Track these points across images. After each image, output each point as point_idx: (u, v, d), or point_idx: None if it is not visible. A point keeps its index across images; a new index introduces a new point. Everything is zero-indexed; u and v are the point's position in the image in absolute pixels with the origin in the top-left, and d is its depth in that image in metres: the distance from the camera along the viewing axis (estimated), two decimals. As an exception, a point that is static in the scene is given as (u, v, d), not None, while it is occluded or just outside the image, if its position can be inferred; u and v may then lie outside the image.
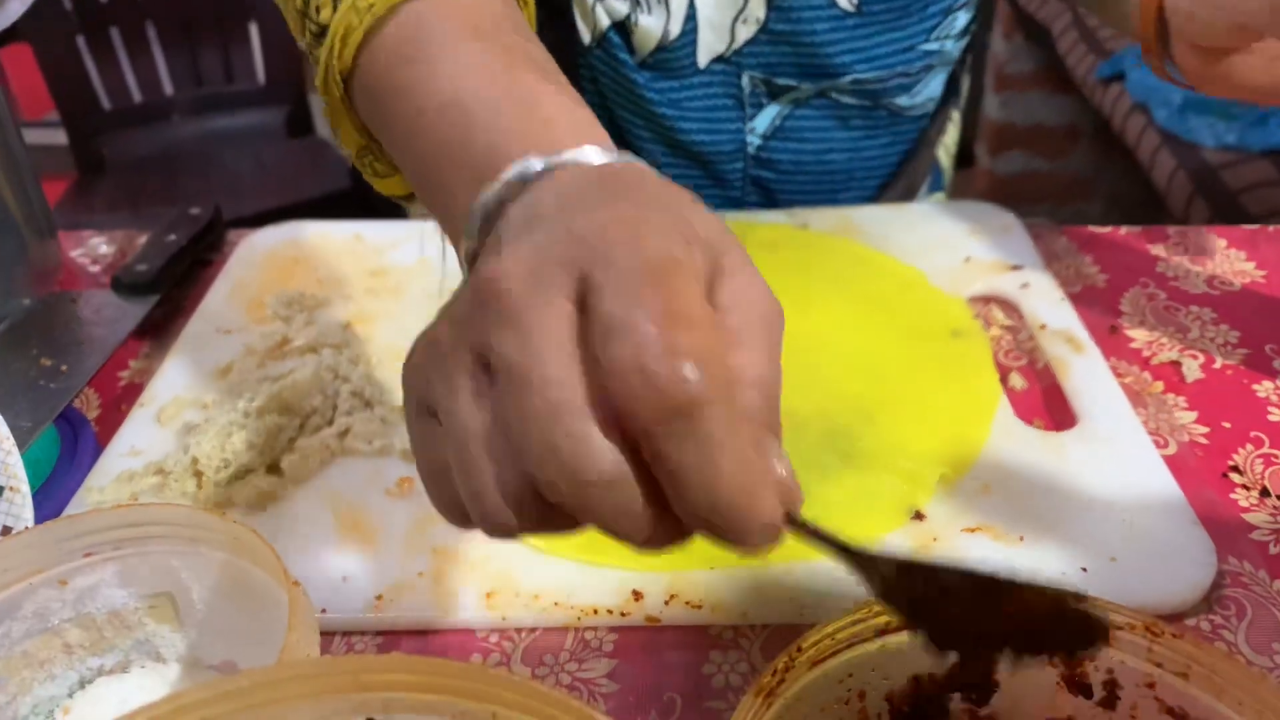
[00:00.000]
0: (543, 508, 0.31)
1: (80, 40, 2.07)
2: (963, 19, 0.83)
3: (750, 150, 0.85)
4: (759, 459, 0.30)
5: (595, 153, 0.36)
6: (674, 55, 0.80)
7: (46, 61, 2.05)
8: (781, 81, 0.81)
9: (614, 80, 0.83)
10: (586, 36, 0.80)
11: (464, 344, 0.32)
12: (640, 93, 0.82)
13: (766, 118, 0.83)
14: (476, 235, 0.37)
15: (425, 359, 0.34)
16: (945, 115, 0.92)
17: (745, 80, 0.81)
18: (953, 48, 0.84)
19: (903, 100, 0.84)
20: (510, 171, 0.36)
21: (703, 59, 0.80)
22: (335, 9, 0.45)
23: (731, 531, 0.30)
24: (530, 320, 0.30)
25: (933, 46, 0.82)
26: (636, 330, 0.28)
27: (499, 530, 0.32)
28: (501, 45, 0.43)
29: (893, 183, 0.91)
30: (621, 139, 0.87)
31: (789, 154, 0.86)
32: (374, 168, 0.50)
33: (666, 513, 0.31)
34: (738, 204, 0.90)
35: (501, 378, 0.30)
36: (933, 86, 0.86)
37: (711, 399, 0.28)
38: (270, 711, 0.23)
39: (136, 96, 2.18)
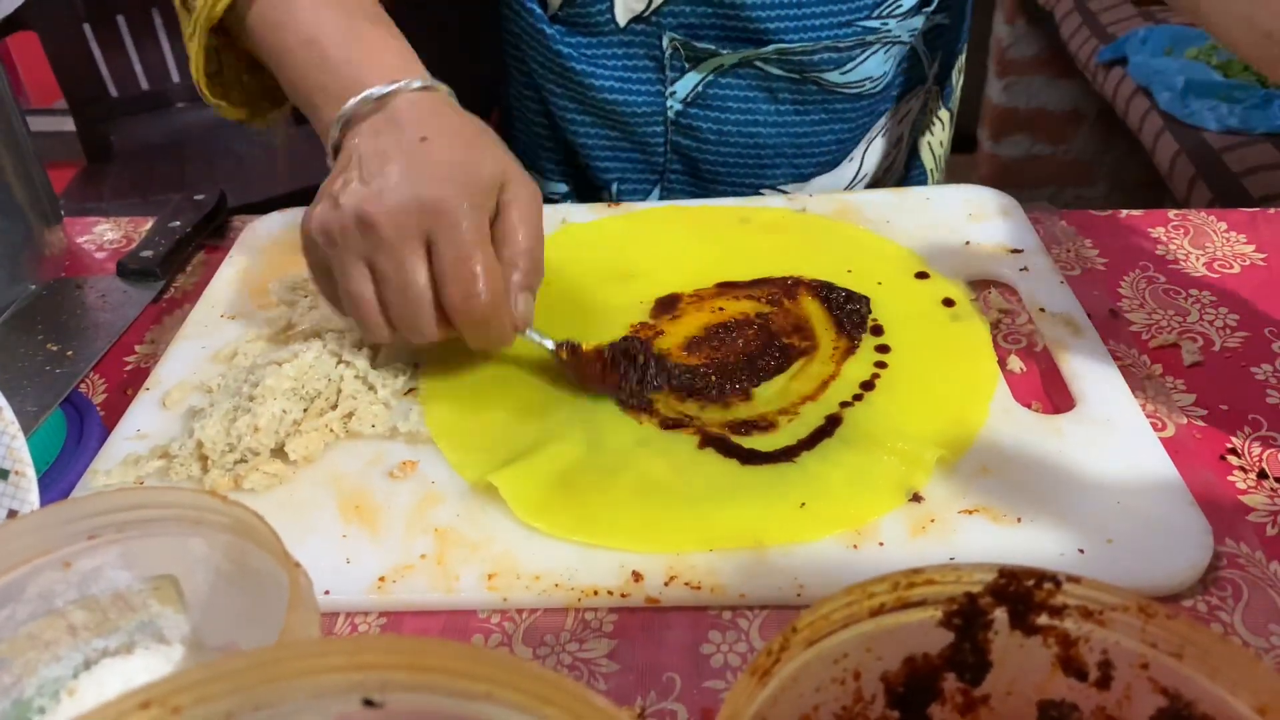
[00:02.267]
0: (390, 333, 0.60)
1: (87, 28, 2.07)
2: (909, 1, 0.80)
3: (670, 115, 0.83)
4: (509, 322, 0.60)
5: (413, 82, 0.61)
6: (589, 10, 0.79)
7: (53, 49, 2.05)
8: (702, 45, 0.79)
9: (526, 33, 0.82)
10: None
11: (355, 251, 0.58)
12: (552, 46, 0.81)
13: (688, 83, 0.82)
14: (338, 136, 0.62)
15: (327, 245, 0.58)
16: (909, 104, 0.89)
17: (665, 42, 0.79)
18: (897, 28, 0.81)
19: (833, 76, 0.81)
20: (355, 99, 0.60)
21: (622, 17, 0.79)
22: None
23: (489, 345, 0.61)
24: (399, 252, 0.57)
25: (873, 24, 0.80)
26: (457, 281, 0.57)
27: (375, 338, 0.60)
28: (325, 5, 0.65)
29: (831, 165, 0.88)
30: (538, 94, 0.86)
31: (711, 123, 0.84)
32: (208, 96, 0.72)
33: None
34: (660, 171, 0.88)
35: (382, 280, 0.58)
36: (870, 65, 0.82)
37: (486, 315, 0.58)
38: (266, 692, 0.24)
39: (144, 84, 2.18)
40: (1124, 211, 0.79)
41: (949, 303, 0.68)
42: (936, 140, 0.96)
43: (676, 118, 0.83)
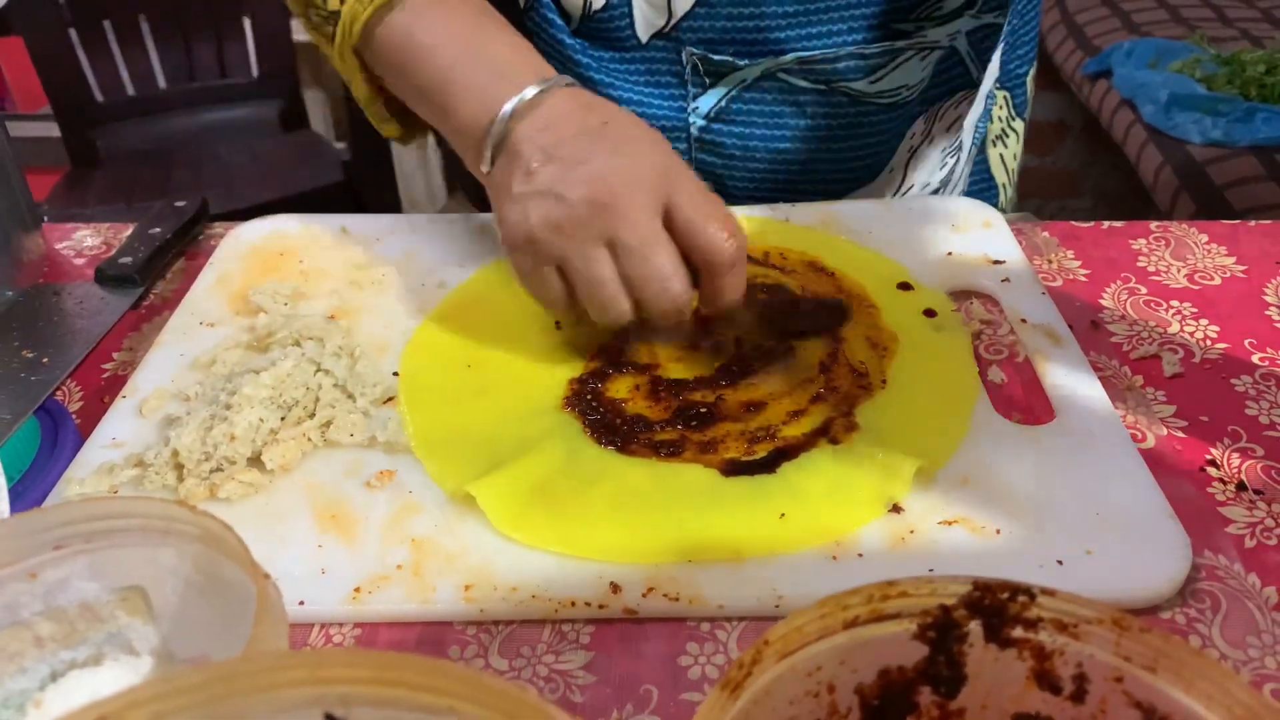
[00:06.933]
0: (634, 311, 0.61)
1: (73, 34, 2.07)
2: (953, 1, 0.78)
3: (693, 132, 0.82)
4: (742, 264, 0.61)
5: (559, 81, 0.63)
6: (608, 26, 0.78)
7: (39, 55, 2.04)
8: (719, 58, 0.78)
9: (548, 45, 0.81)
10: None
11: (592, 235, 0.58)
12: (573, 58, 0.80)
13: (711, 99, 0.80)
14: (499, 136, 0.62)
15: (559, 239, 0.59)
16: (958, 110, 0.85)
17: (685, 57, 0.79)
18: (935, 32, 0.79)
19: (861, 85, 0.79)
20: (519, 95, 0.62)
21: (643, 33, 0.78)
22: (342, 1, 0.68)
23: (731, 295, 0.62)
24: (642, 221, 0.58)
25: (906, 27, 0.78)
26: (706, 230, 0.59)
27: (615, 315, 0.61)
28: (464, 7, 0.68)
29: (867, 179, 0.86)
30: None
31: (735, 139, 0.82)
32: (378, 113, 0.74)
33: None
34: None
35: (626, 254, 0.58)
36: (906, 73, 0.79)
37: (739, 256, 0.60)
38: (226, 706, 0.24)
39: (130, 90, 2.18)
40: (1106, 223, 0.79)
41: (931, 313, 0.68)
42: (1010, 153, 0.94)
43: (700, 134, 0.82)
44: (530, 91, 0.62)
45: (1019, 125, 0.94)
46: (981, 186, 0.94)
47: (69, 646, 0.40)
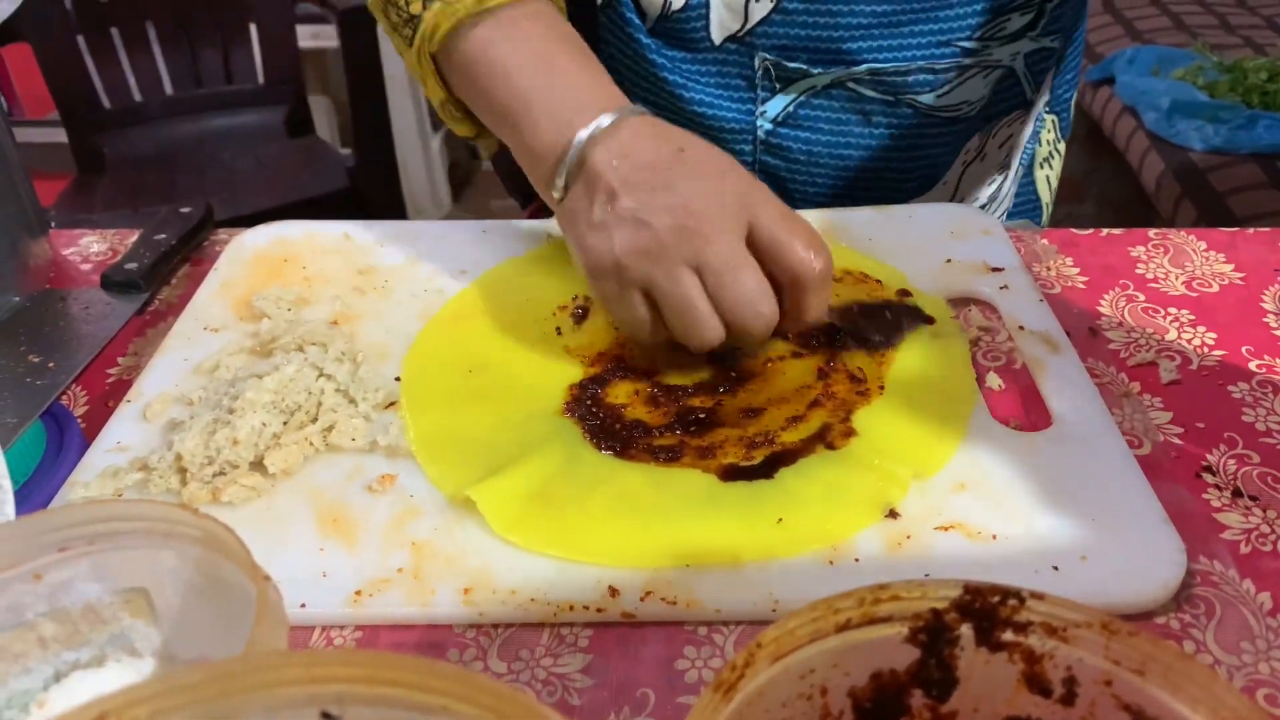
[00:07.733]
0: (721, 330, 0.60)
1: (80, 40, 2.08)
2: (1017, 22, 0.80)
3: (760, 135, 0.84)
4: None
5: (632, 110, 0.63)
6: (684, 26, 0.80)
7: (47, 61, 2.06)
8: (793, 65, 0.80)
9: (623, 41, 0.83)
10: None
11: (679, 259, 0.58)
12: (647, 56, 0.82)
13: (779, 103, 0.82)
14: (575, 162, 0.62)
15: (647, 264, 0.59)
16: (1010, 128, 0.89)
17: (757, 62, 0.80)
18: (999, 51, 0.81)
19: (928, 99, 0.81)
20: (595, 122, 0.62)
21: (717, 36, 0.80)
22: (424, 6, 0.68)
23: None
24: (727, 243, 0.58)
25: (972, 45, 0.80)
26: (793, 248, 0.59)
27: (706, 338, 0.60)
28: (543, 29, 0.68)
29: (924, 188, 0.88)
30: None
31: (800, 143, 0.84)
32: (451, 114, 0.74)
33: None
34: None
35: (714, 276, 0.58)
36: (969, 89, 0.82)
37: (828, 271, 0.61)
38: (223, 705, 0.24)
39: (136, 96, 2.19)
40: (1105, 230, 0.80)
41: (929, 320, 0.68)
42: (1054, 174, 0.96)
43: (766, 137, 0.84)
44: (606, 119, 0.62)
45: (1062, 147, 0.97)
46: (1027, 206, 0.97)
47: (72, 647, 0.41)
